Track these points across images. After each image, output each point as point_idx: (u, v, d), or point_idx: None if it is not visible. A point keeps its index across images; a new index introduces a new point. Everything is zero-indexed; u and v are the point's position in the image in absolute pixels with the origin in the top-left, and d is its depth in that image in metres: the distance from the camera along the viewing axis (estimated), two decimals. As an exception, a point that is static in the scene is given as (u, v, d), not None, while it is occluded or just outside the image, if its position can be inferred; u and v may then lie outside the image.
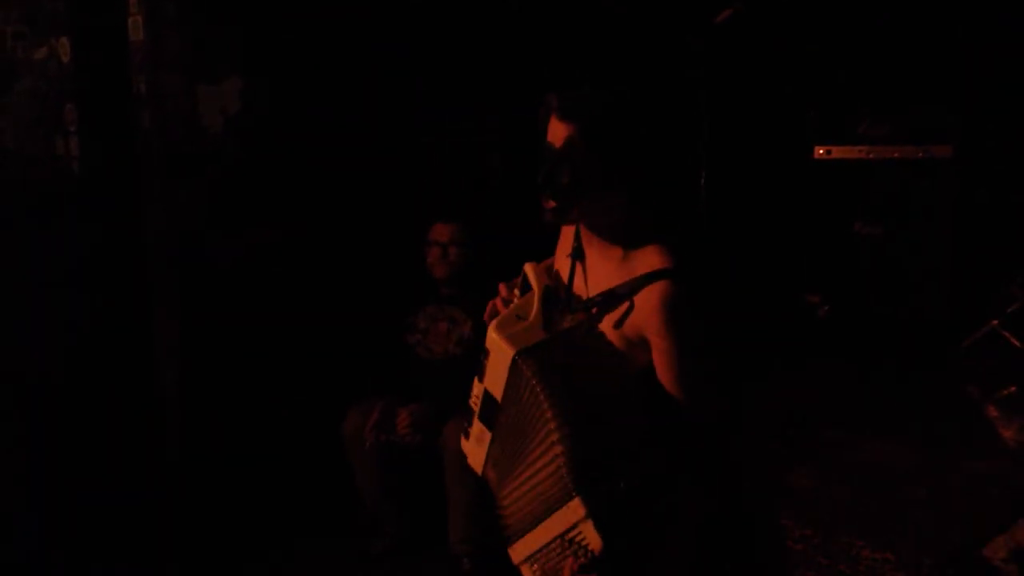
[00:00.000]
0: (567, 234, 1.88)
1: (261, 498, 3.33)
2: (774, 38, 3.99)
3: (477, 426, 1.83)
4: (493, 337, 1.72)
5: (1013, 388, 3.38)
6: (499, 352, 1.71)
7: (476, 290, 2.99)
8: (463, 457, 1.92)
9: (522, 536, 1.71)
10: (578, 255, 1.80)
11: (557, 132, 1.64)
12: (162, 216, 3.25)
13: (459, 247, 3.25)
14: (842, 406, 3.46)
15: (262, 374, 3.42)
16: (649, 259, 1.67)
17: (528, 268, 1.83)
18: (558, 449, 1.58)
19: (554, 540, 1.62)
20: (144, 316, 3.35)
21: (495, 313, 1.85)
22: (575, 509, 1.56)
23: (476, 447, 1.84)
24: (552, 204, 1.67)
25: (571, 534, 1.58)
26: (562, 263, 1.86)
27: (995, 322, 3.74)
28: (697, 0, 3.71)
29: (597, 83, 1.68)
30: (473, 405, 1.84)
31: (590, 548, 1.56)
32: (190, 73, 3.19)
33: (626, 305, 1.68)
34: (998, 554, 2.48)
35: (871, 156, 3.85)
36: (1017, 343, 3.67)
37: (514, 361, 1.66)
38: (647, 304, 1.65)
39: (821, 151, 3.93)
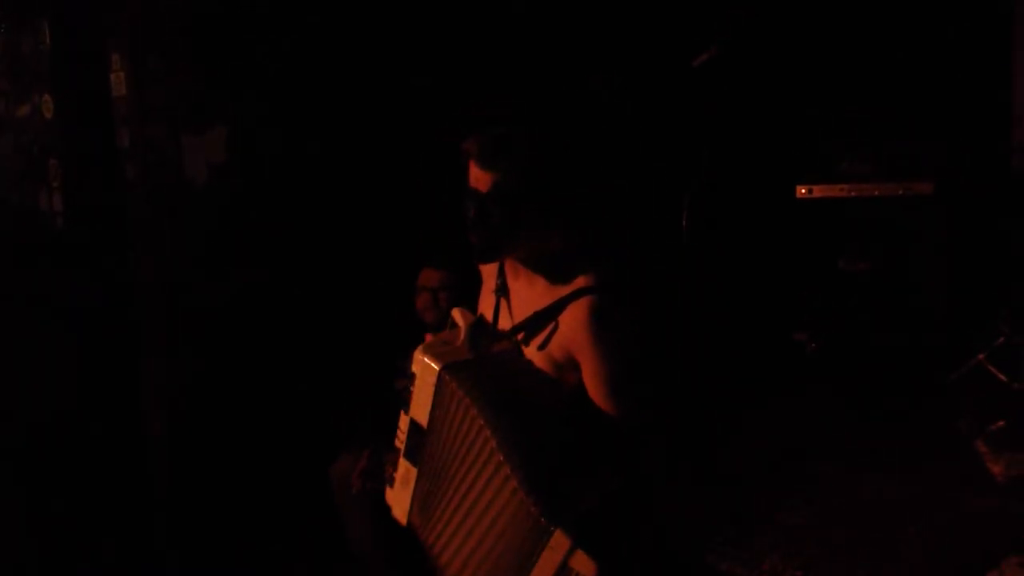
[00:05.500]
0: (489, 273, 1.88)
1: (249, 543, 3.30)
2: (753, 80, 4.04)
3: (403, 466, 1.79)
4: (418, 357, 1.70)
5: (1002, 423, 3.37)
6: (425, 371, 1.67)
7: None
8: None
9: None
10: (503, 291, 1.81)
11: (480, 179, 1.65)
12: (149, 267, 3.25)
13: (449, 292, 3.23)
14: (832, 442, 3.45)
15: (250, 418, 3.41)
16: (575, 281, 1.67)
17: (455, 312, 1.82)
18: (513, 483, 1.52)
19: None
20: (132, 367, 3.34)
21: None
22: (560, 543, 1.48)
23: (401, 491, 1.79)
24: (483, 244, 1.68)
25: (564, 573, 1.49)
26: (487, 301, 1.86)
27: (981, 356, 3.75)
28: (676, 44, 3.76)
29: (518, 122, 1.69)
30: (398, 444, 1.80)
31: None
32: (174, 124, 3.22)
33: (551, 326, 1.67)
34: (991, 592, 2.47)
35: (852, 194, 3.88)
36: (1003, 377, 3.67)
37: (440, 377, 1.63)
38: (572, 321, 1.64)
39: (803, 190, 3.95)
